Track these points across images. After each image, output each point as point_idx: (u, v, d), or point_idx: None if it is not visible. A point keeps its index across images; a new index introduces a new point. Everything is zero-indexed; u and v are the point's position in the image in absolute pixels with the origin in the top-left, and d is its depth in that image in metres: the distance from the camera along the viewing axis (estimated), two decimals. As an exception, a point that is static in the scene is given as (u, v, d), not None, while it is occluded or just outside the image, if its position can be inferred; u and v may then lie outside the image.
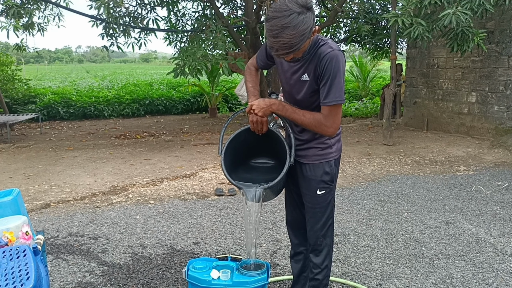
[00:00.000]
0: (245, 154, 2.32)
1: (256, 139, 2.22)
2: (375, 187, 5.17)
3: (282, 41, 1.78)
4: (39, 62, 60.46)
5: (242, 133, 2.23)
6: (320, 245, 2.27)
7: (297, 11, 1.76)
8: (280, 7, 1.78)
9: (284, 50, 1.80)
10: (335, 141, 2.19)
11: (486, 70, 8.08)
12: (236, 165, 2.26)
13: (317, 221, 2.23)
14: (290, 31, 1.75)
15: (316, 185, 2.17)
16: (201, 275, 2.15)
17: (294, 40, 1.77)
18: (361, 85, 15.33)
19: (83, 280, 2.96)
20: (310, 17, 1.79)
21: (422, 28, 6.03)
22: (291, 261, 2.54)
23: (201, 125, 10.79)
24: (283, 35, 1.77)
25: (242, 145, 2.26)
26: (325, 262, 2.30)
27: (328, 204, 2.22)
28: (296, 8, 1.76)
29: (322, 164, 2.16)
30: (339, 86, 1.93)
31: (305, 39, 1.80)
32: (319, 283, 2.32)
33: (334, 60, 1.91)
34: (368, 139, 8.18)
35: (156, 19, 9.12)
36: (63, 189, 5.16)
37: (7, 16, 7.13)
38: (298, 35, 1.77)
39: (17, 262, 1.59)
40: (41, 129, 9.94)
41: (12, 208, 2.02)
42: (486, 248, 3.46)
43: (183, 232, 3.81)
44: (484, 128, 8.21)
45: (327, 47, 1.95)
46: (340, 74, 1.92)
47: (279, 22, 1.76)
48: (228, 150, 2.19)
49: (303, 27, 1.76)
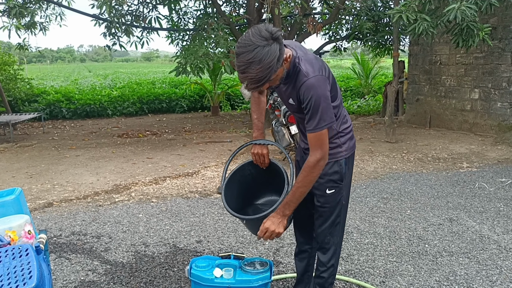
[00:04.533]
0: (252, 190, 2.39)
1: (261, 173, 2.31)
2: (377, 184, 5.16)
3: (249, 76, 1.78)
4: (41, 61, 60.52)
5: (246, 166, 2.32)
6: (328, 243, 2.27)
7: (261, 45, 1.75)
8: (244, 42, 1.77)
9: (253, 84, 1.81)
10: (345, 140, 2.18)
11: (489, 66, 8.05)
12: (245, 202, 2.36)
13: (326, 219, 2.23)
14: (256, 65, 1.75)
15: (326, 184, 2.16)
16: (204, 273, 2.15)
17: (260, 74, 1.77)
18: (363, 82, 15.28)
19: (86, 279, 2.96)
20: (276, 47, 1.77)
21: (427, 23, 6.00)
22: (295, 259, 2.53)
23: (203, 123, 10.78)
24: (250, 70, 1.76)
25: (247, 179, 2.34)
26: (332, 260, 2.29)
27: (337, 203, 2.21)
28: (260, 41, 1.75)
29: (332, 163, 2.15)
30: (320, 112, 1.91)
31: (272, 71, 1.79)
32: (325, 281, 2.32)
33: (311, 89, 1.90)
34: (371, 137, 8.16)
35: (158, 18, 9.11)
36: (66, 188, 5.16)
37: (9, 16, 7.13)
38: (264, 68, 1.76)
39: (19, 261, 1.59)
40: (43, 128, 9.96)
41: (15, 207, 2.03)
42: (490, 245, 3.45)
43: (185, 230, 3.81)
44: (487, 125, 8.18)
45: (302, 75, 1.93)
46: (320, 100, 1.90)
47: (245, 58, 1.76)
48: (231, 183, 2.28)
49: (268, 60, 1.75)
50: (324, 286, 2.34)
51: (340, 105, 2.16)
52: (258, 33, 1.77)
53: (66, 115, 11.84)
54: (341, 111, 2.18)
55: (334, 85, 2.08)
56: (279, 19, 8.79)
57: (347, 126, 2.20)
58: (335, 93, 2.10)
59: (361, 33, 9.11)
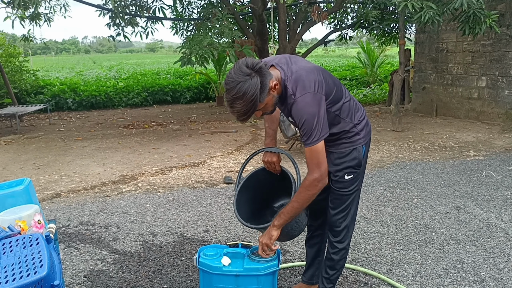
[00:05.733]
0: (270, 193, 2.46)
1: (275, 178, 2.36)
2: (384, 173, 5.15)
3: (235, 110, 1.89)
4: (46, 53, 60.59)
5: (260, 171, 2.38)
6: (340, 227, 2.29)
7: (242, 80, 1.84)
8: (228, 79, 1.87)
9: (241, 116, 1.91)
10: (362, 127, 2.22)
11: (496, 54, 7.96)
12: (263, 205, 2.44)
13: (341, 204, 2.25)
14: (239, 100, 1.85)
15: (345, 170, 2.20)
16: (212, 262, 2.16)
17: (245, 108, 1.87)
18: (369, 71, 15.18)
19: (95, 268, 2.99)
20: (256, 80, 1.85)
21: (432, 11, 5.93)
22: (306, 245, 2.57)
23: (209, 113, 10.78)
24: (235, 105, 1.87)
25: (263, 183, 2.39)
26: (343, 243, 2.31)
27: (354, 188, 2.25)
28: (241, 77, 1.84)
29: (350, 150, 2.19)
30: (312, 129, 1.95)
31: (256, 103, 1.88)
32: (335, 263, 2.34)
33: (300, 109, 1.95)
34: (377, 126, 8.13)
35: (162, 8, 9.06)
36: (73, 178, 5.20)
37: (13, 6, 7.12)
38: (247, 102, 1.85)
39: (30, 250, 1.61)
40: (50, 119, 10.00)
41: (24, 197, 2.04)
42: (497, 233, 3.44)
43: (192, 220, 3.83)
44: (494, 113, 8.12)
45: (290, 96, 1.98)
46: (310, 118, 1.94)
47: (230, 94, 1.87)
48: (245, 188, 2.34)
49: (250, 94, 1.84)
50: (335, 268, 2.35)
51: (349, 98, 2.19)
52: (239, 69, 1.87)
53: (72, 107, 11.87)
54: (351, 102, 2.20)
55: (335, 86, 2.10)
56: (283, 8, 8.72)
57: (360, 114, 2.23)
58: (338, 93, 2.11)
59: (367, 21, 9.02)
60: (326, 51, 36.67)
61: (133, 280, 2.82)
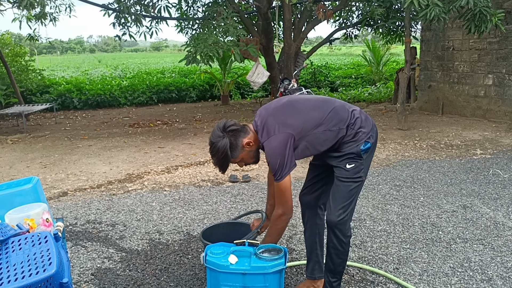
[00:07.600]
0: None
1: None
2: (390, 172, 5.13)
3: (213, 163, 2.32)
4: (51, 52, 60.78)
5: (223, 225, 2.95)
6: (340, 218, 2.27)
7: (216, 141, 2.23)
8: (209, 140, 2.26)
9: (219, 169, 2.30)
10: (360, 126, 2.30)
11: (503, 51, 7.91)
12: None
13: (343, 194, 2.26)
14: (214, 157, 2.27)
15: (345, 160, 2.26)
16: (219, 260, 2.17)
17: (219, 164, 2.28)
18: (374, 69, 15.12)
19: (102, 266, 3.00)
20: (225, 141, 2.21)
21: (438, 9, 5.90)
22: (304, 238, 2.64)
23: (214, 112, 10.79)
24: (214, 162, 2.30)
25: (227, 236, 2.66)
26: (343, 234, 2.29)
27: (355, 178, 2.26)
28: (215, 138, 2.23)
29: (352, 144, 2.28)
30: (277, 168, 2.17)
31: (228, 160, 2.25)
32: (337, 255, 2.34)
33: (266, 151, 2.23)
34: (382, 124, 8.10)
35: (167, 7, 9.07)
36: (80, 177, 5.22)
37: (19, 7, 7.15)
38: (219, 159, 2.24)
39: (39, 248, 1.62)
40: (56, 118, 10.05)
41: (32, 196, 2.05)
42: (505, 232, 3.42)
43: (199, 218, 3.84)
44: (501, 111, 8.07)
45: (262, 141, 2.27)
46: (274, 158, 2.18)
47: (209, 153, 2.28)
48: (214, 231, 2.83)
49: (220, 153, 2.22)
50: (336, 260, 2.35)
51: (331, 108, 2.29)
52: (215, 131, 2.25)
53: (78, 106, 11.91)
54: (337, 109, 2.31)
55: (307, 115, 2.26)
56: (288, 7, 8.71)
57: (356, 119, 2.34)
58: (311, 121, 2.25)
59: (372, 19, 8.99)
60: (331, 49, 36.60)
61: (140, 278, 2.83)
